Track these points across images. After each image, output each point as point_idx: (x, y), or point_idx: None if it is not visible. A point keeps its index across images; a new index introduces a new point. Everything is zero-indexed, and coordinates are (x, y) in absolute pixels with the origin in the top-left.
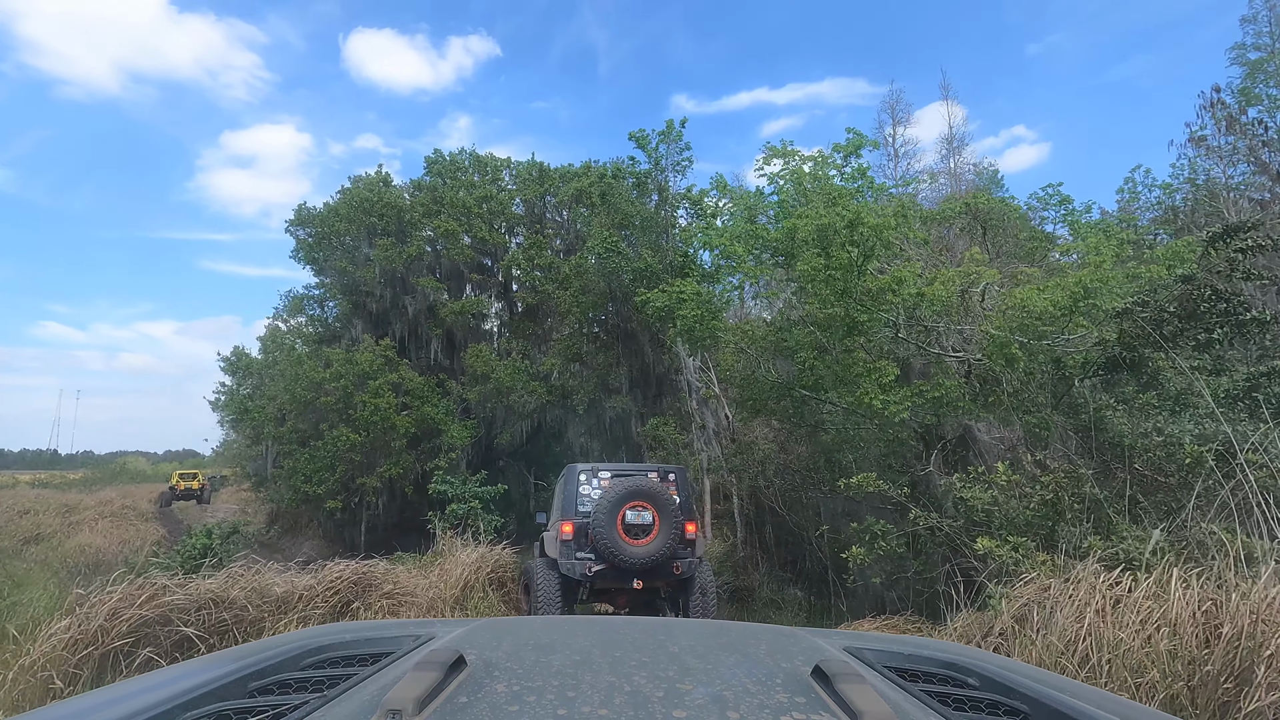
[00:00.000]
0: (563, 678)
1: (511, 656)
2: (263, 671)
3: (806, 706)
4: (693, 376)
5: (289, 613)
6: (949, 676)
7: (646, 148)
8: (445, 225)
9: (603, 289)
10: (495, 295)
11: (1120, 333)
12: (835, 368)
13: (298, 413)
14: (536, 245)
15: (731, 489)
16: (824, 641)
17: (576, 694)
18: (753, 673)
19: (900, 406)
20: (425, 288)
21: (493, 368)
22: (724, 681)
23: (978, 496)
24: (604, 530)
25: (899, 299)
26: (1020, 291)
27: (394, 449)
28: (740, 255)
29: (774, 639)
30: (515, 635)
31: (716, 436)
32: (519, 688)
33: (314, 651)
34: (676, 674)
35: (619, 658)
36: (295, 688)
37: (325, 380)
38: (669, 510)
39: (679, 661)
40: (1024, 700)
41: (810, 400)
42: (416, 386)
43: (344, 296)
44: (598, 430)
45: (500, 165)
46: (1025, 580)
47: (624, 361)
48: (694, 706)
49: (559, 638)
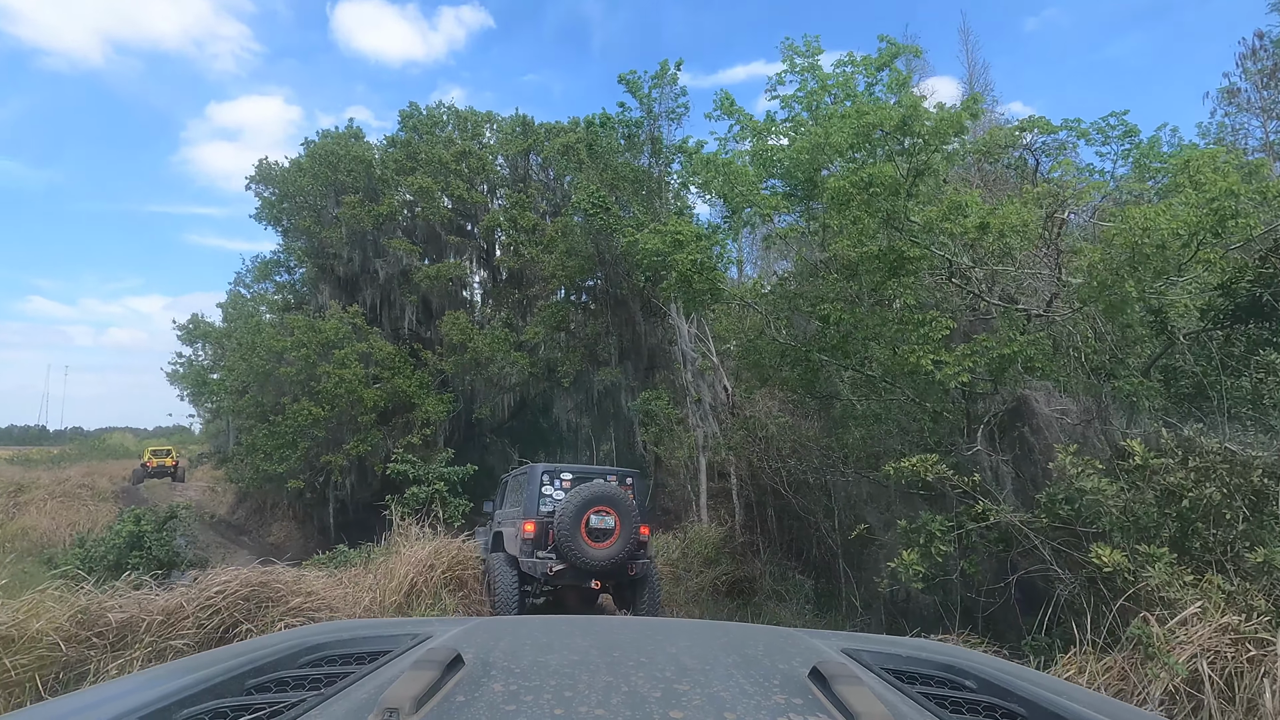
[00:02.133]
0: (560, 677)
1: (509, 656)
2: (260, 669)
3: (804, 708)
4: (688, 346)
5: (131, 647)
6: (947, 679)
7: (638, 93)
8: (420, 183)
9: (590, 252)
10: (476, 260)
11: (1263, 270)
12: (871, 322)
13: (258, 385)
14: (520, 205)
15: (729, 468)
16: (821, 643)
17: (574, 694)
18: (750, 674)
19: (957, 369)
20: (398, 250)
21: (470, 336)
22: (721, 682)
23: (1101, 488)
24: (568, 533)
25: (960, 230)
26: (1139, 210)
27: (362, 424)
28: (748, 182)
29: (772, 640)
30: (513, 635)
31: (714, 412)
32: (516, 687)
33: (311, 649)
34: (674, 674)
35: (616, 658)
36: (292, 685)
37: (286, 349)
38: (630, 515)
39: (676, 662)
40: (1021, 703)
41: (827, 367)
42: (387, 357)
43: (310, 260)
44: (586, 406)
45: (482, 120)
46: (1172, 604)
47: (614, 331)
48: (691, 707)
49: (557, 638)
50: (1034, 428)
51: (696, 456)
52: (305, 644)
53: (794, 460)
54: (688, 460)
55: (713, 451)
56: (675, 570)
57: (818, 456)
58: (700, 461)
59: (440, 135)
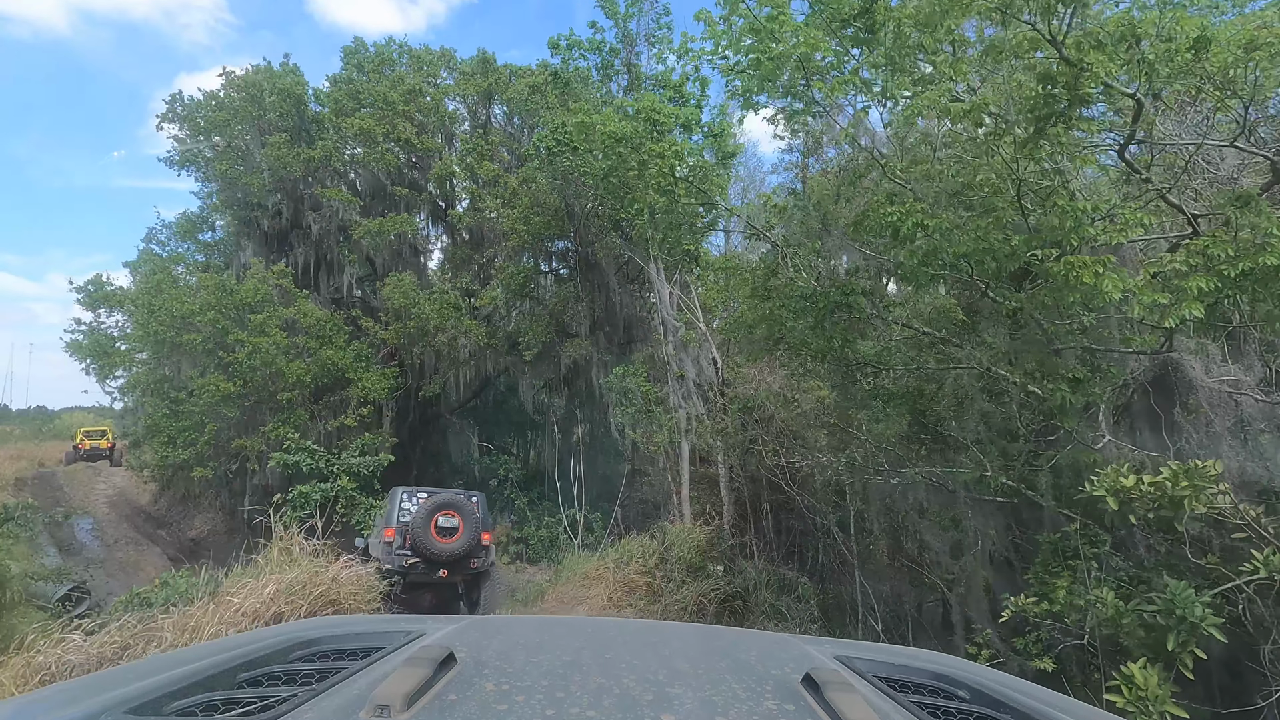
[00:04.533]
0: (552, 678)
1: (502, 656)
2: (252, 663)
3: (795, 714)
4: (670, 313)
5: None
6: (939, 688)
7: (612, 11)
8: (362, 124)
9: (558, 206)
10: (430, 218)
11: None
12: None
13: (161, 356)
14: (478, 152)
15: (716, 455)
16: (815, 649)
17: (566, 695)
18: (742, 679)
19: (1191, 298)
20: (334, 201)
21: (414, 301)
22: (713, 686)
23: None
24: (420, 530)
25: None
26: None
27: (283, 403)
28: (774, 28)
29: (765, 645)
30: (506, 634)
31: (699, 390)
32: (508, 687)
33: (304, 644)
34: (666, 677)
35: (609, 660)
36: (284, 680)
37: (192, 313)
38: (471, 517)
39: (669, 665)
40: (1013, 715)
41: (872, 322)
42: (315, 324)
43: (231, 213)
44: (556, 385)
45: (438, 60)
46: None
47: (585, 298)
48: (682, 711)
49: (549, 638)
50: (1187, 404)
51: (678, 442)
52: (298, 638)
53: (802, 451)
54: (667, 446)
55: (697, 436)
56: (651, 581)
57: (836, 446)
58: (682, 448)
59: (389, 75)
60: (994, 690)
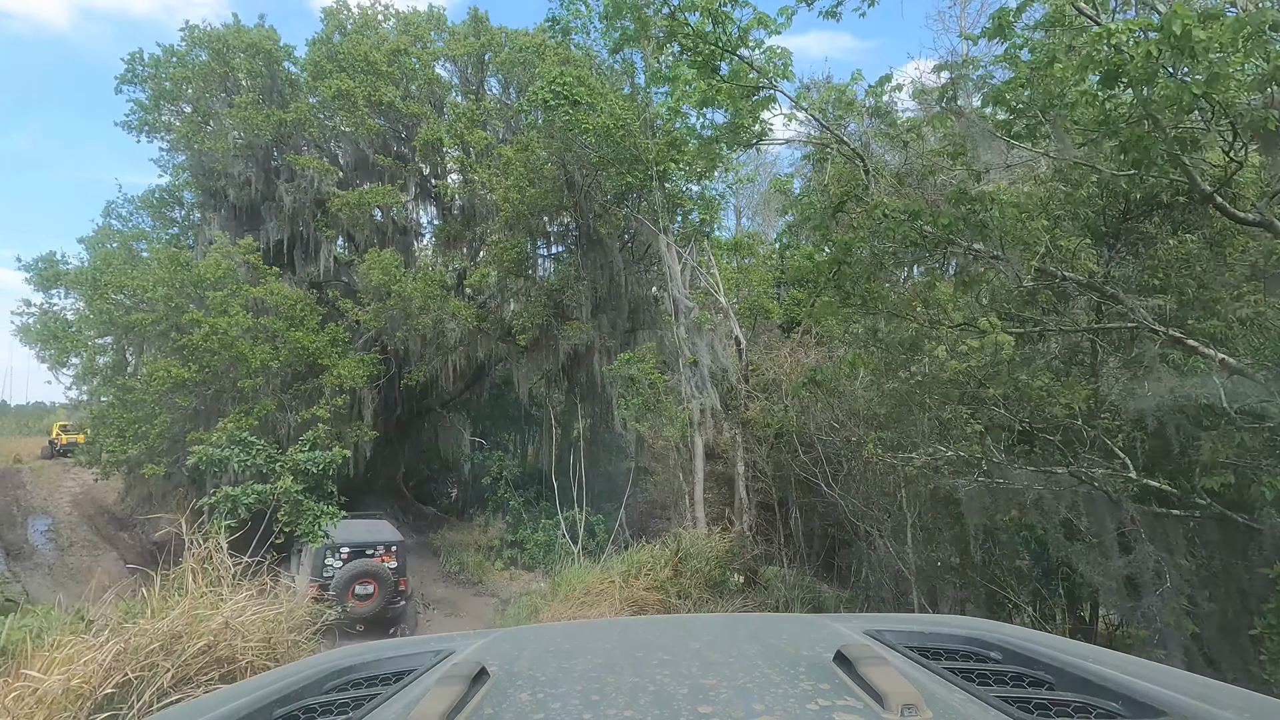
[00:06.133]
0: (586, 682)
1: (534, 665)
2: (287, 697)
3: (831, 692)
4: (682, 292)
5: None
6: (972, 652)
7: None
8: (341, 85)
9: (556, 176)
10: (416, 192)
11: None
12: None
13: (113, 339)
14: (469, 118)
15: (735, 452)
16: (844, 626)
17: (601, 697)
18: (775, 662)
19: None
20: (307, 169)
21: (395, 278)
22: (747, 674)
23: None
24: (340, 593)
25: None
26: None
27: (245, 392)
28: None
29: (794, 627)
30: (537, 643)
31: (714, 378)
32: (543, 695)
33: (337, 674)
34: (699, 670)
35: (641, 658)
36: (320, 711)
37: (142, 290)
38: (386, 582)
39: (701, 657)
40: (1048, 670)
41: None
42: (283, 304)
43: (195, 183)
44: (556, 375)
45: (425, 23)
46: None
47: (585, 277)
48: (719, 701)
49: (579, 643)
50: None
51: (690, 436)
52: (330, 668)
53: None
54: (678, 441)
55: (713, 430)
56: (665, 599)
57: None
58: (695, 443)
59: (372, 37)
60: (1026, 649)
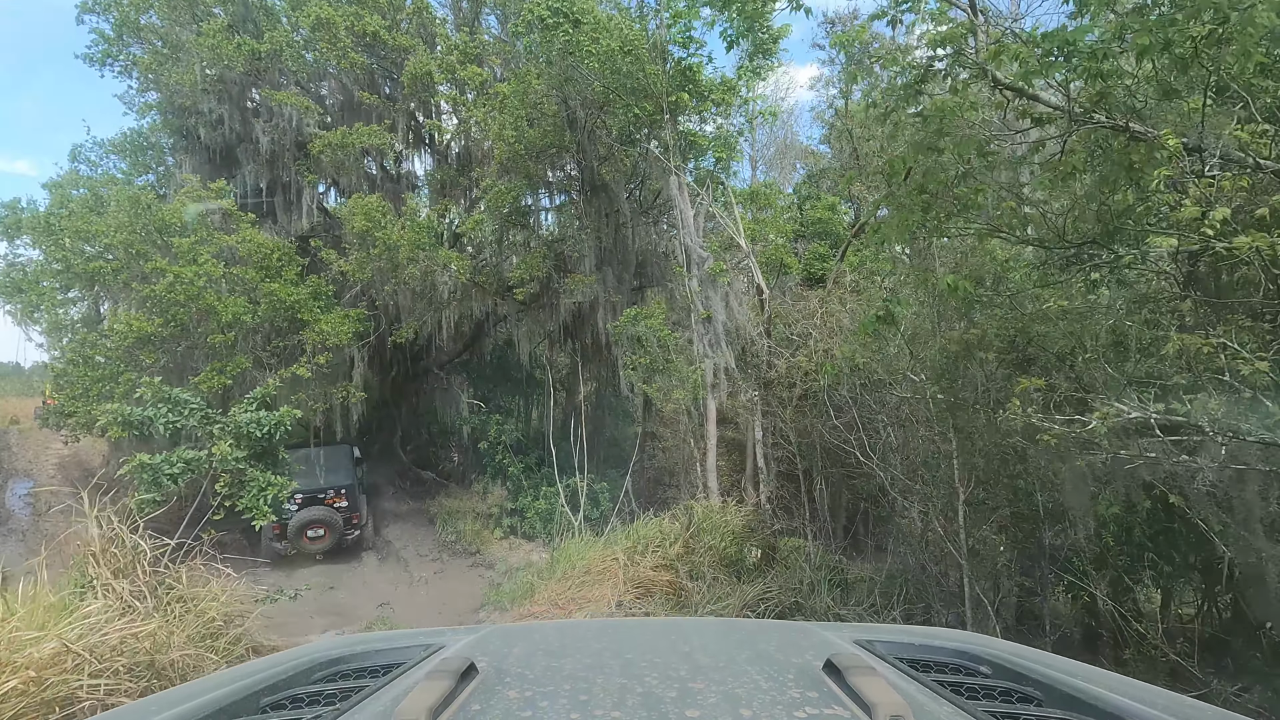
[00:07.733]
0: (575, 682)
1: (523, 663)
2: (274, 686)
3: (819, 701)
4: (694, 239)
5: None
6: (961, 665)
7: None
8: (320, 12)
9: (556, 114)
10: (407, 135)
11: None
12: None
13: (83, 290)
14: (463, 53)
15: (753, 417)
16: (834, 635)
17: (589, 698)
18: (764, 669)
19: None
20: (285, 106)
21: (378, 224)
22: (736, 679)
23: None
24: (295, 536)
25: None
26: None
27: (217, 348)
28: None
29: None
30: (526, 641)
31: (729, 335)
32: (531, 693)
33: (325, 665)
34: (688, 673)
35: (630, 660)
36: (308, 702)
37: (100, 234)
38: (335, 526)
39: (690, 661)
40: (1036, 686)
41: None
42: (258, 252)
43: (166, 123)
44: (558, 335)
45: None
46: None
47: (588, 225)
48: (707, 706)
49: (570, 642)
50: None
51: (703, 399)
52: (319, 659)
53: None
54: (689, 405)
55: (728, 392)
56: (675, 579)
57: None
58: (708, 406)
59: None
60: (1015, 663)
